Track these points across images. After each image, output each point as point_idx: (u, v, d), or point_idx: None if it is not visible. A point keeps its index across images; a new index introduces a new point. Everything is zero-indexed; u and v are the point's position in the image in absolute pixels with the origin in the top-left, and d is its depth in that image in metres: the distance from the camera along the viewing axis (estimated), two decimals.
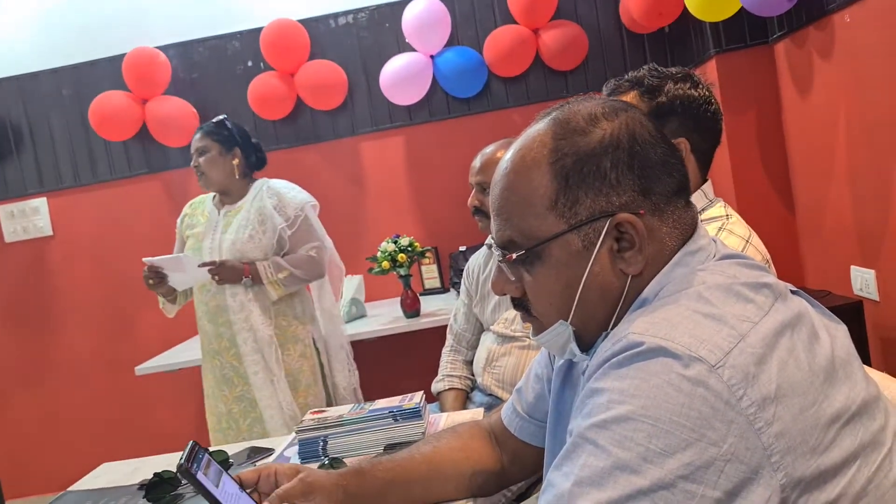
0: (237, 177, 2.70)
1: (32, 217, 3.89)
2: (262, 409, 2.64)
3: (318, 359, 2.79)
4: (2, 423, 3.99)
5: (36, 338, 3.94)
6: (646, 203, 0.85)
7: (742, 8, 2.72)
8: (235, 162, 2.69)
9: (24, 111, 3.86)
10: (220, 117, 2.77)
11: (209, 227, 2.70)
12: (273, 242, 2.65)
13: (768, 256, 1.47)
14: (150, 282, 2.57)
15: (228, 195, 2.73)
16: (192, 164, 2.69)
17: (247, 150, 2.74)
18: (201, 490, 0.95)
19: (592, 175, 0.84)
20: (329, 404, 2.79)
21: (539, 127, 0.90)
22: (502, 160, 0.92)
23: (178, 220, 2.85)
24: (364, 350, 3.55)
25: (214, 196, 2.78)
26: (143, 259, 2.59)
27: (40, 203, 3.88)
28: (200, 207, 2.79)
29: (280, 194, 2.70)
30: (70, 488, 1.58)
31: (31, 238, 3.90)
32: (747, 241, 1.44)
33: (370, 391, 3.04)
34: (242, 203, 2.71)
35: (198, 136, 2.70)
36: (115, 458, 1.80)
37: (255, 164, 2.77)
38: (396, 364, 3.70)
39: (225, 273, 2.57)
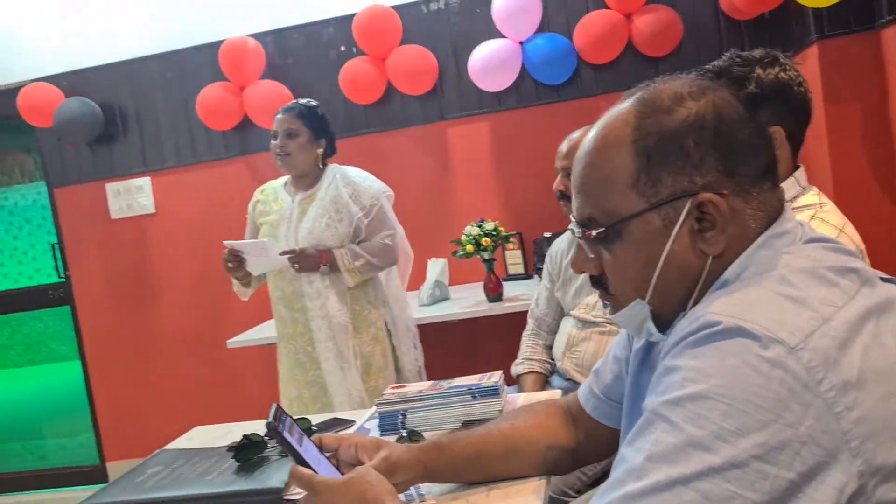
0: (319, 165, 2.74)
1: (137, 195, 4.08)
2: (332, 394, 2.68)
3: (389, 341, 2.84)
4: (106, 390, 4.23)
5: (137, 310, 4.15)
6: (730, 184, 0.84)
7: None
8: (320, 151, 2.72)
9: (131, 95, 4.06)
10: (314, 103, 2.77)
11: (284, 215, 2.73)
12: (350, 231, 2.68)
13: (863, 247, 1.42)
14: (230, 265, 2.62)
15: (303, 180, 2.75)
16: (275, 142, 2.68)
17: (330, 138, 2.77)
18: (287, 447, 0.98)
19: (675, 154, 0.84)
20: None
21: (623, 106, 0.90)
22: (586, 139, 0.93)
23: (250, 206, 2.87)
24: (446, 332, 3.60)
25: (286, 182, 2.81)
26: (225, 242, 2.64)
27: (144, 182, 4.07)
28: (272, 194, 2.81)
29: (354, 184, 2.72)
30: (164, 448, 1.66)
31: (136, 215, 4.10)
32: (841, 230, 1.40)
33: (450, 373, 3.07)
34: (316, 190, 2.72)
35: (287, 115, 2.69)
36: (206, 424, 1.88)
37: (329, 153, 2.80)
38: (477, 347, 3.73)
39: (304, 261, 2.60)
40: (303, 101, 2.77)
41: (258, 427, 1.59)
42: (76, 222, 4.17)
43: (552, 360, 2.43)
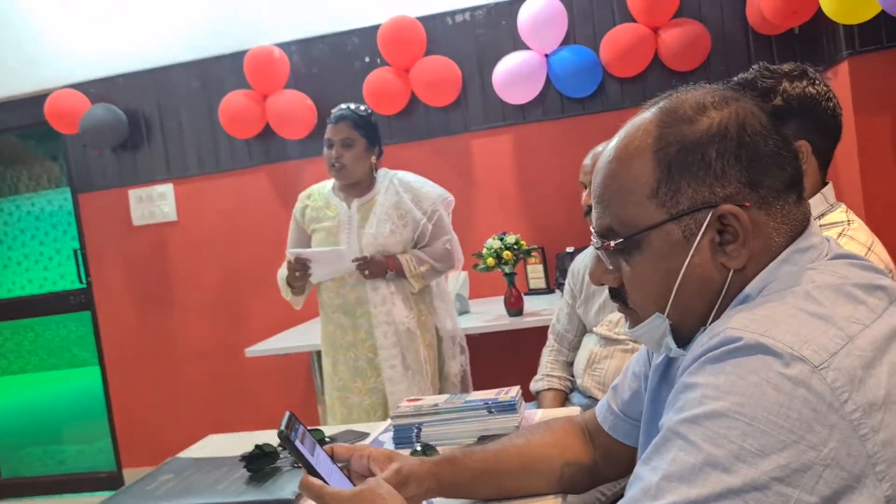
0: (373, 172, 2.71)
1: (159, 202, 4.11)
2: (393, 402, 2.60)
3: (438, 348, 2.80)
4: (124, 396, 4.25)
5: (157, 317, 4.17)
6: (752, 196, 0.81)
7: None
8: (374, 159, 2.69)
9: (156, 102, 4.09)
10: (363, 107, 2.70)
11: (342, 222, 2.67)
12: (413, 236, 2.67)
13: (892, 265, 1.38)
14: (297, 274, 2.57)
15: (356, 187, 2.70)
16: (330, 152, 2.62)
17: (380, 143, 2.73)
18: (298, 456, 0.96)
19: (696, 164, 0.82)
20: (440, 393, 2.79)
21: (645, 115, 0.89)
22: (607, 148, 0.91)
23: (297, 212, 2.78)
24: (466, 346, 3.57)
25: (333, 187, 2.75)
26: (291, 251, 2.59)
27: (167, 189, 4.10)
28: (322, 200, 2.73)
29: (415, 189, 2.69)
30: (176, 456, 1.66)
31: (157, 222, 4.12)
32: (869, 249, 1.36)
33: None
34: (374, 196, 2.68)
35: (343, 125, 2.62)
36: (224, 432, 1.87)
37: (378, 156, 2.75)
38: (497, 362, 3.70)
39: (373, 267, 2.57)
40: (353, 106, 2.69)
41: (271, 437, 1.57)
42: (98, 228, 4.20)
43: (572, 377, 2.40)
